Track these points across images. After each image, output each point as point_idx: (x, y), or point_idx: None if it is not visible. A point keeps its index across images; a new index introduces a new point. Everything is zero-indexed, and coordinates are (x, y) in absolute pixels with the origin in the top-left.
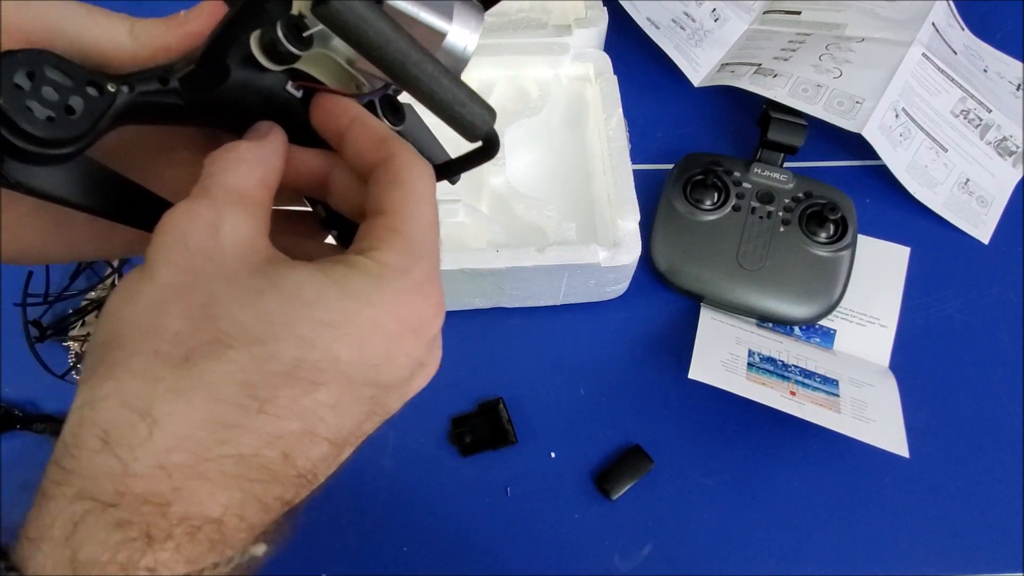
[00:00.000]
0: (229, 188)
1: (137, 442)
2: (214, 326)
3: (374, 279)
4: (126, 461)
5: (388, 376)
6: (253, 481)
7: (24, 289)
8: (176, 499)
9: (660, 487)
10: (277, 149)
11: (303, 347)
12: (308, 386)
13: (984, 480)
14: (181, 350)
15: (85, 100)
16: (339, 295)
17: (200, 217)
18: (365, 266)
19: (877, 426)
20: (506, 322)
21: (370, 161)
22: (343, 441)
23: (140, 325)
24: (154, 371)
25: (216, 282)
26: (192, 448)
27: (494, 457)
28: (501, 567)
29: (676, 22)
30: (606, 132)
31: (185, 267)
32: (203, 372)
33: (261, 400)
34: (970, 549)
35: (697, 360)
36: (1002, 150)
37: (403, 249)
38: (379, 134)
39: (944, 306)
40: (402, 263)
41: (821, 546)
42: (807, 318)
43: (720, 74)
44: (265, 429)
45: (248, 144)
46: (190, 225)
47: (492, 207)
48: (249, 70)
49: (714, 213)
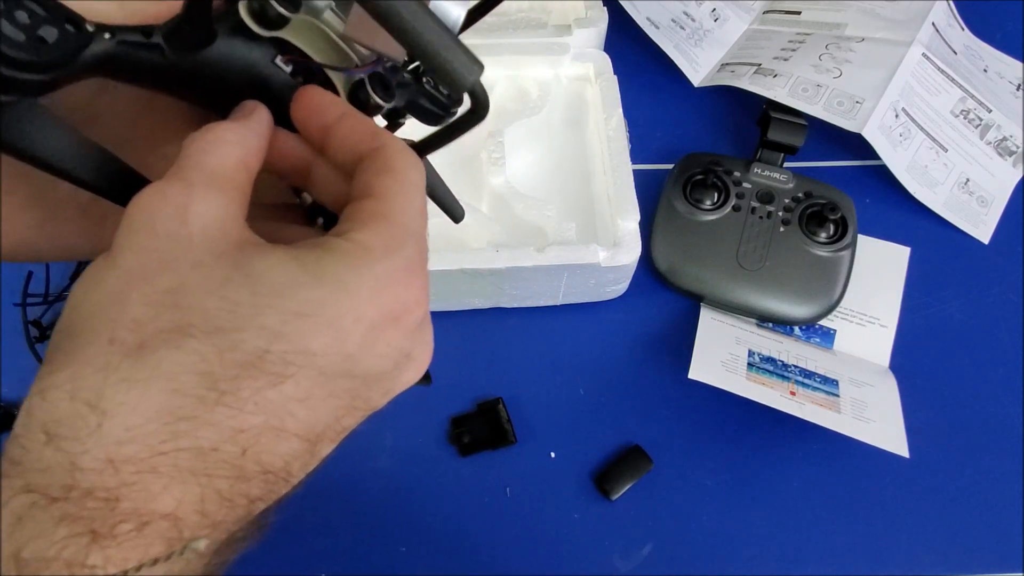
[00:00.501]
0: (204, 169)
1: (85, 434)
2: (175, 314)
3: (351, 263)
4: (74, 454)
5: (367, 368)
6: (213, 476)
7: (24, 289)
8: (126, 494)
9: (660, 487)
10: (260, 130)
11: (269, 337)
12: (274, 378)
13: (984, 480)
14: (138, 338)
15: (61, 32)
16: (312, 282)
17: (170, 199)
18: (342, 249)
19: (877, 426)
20: (506, 322)
21: (360, 152)
22: (317, 436)
23: (99, 312)
24: (108, 360)
25: (181, 268)
26: (144, 440)
27: (493, 457)
28: (501, 567)
29: (676, 22)
30: (606, 132)
31: (150, 251)
32: (160, 361)
33: (221, 391)
34: (970, 549)
35: (697, 360)
36: (1002, 150)
37: (386, 232)
38: (372, 128)
39: (944, 306)
40: (383, 246)
41: (821, 546)
42: (807, 318)
43: (720, 74)
44: (226, 422)
45: (229, 124)
46: (159, 207)
47: (492, 207)
48: (237, 39)
49: (714, 213)
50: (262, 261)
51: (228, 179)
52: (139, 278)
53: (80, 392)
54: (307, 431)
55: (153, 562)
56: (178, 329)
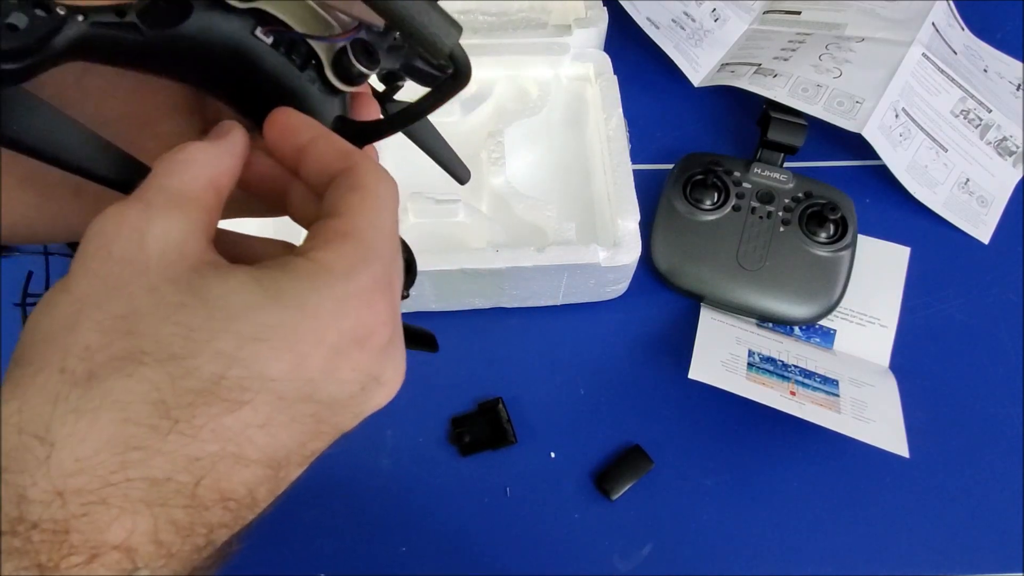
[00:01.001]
0: (167, 190)
1: (34, 466)
2: (128, 341)
3: (312, 283)
4: (22, 487)
5: (331, 392)
6: (168, 506)
7: (24, 289)
8: (75, 526)
9: (660, 487)
10: (234, 150)
11: (224, 363)
12: (231, 405)
13: (984, 480)
14: (88, 366)
15: (31, 18)
16: (269, 304)
17: (127, 222)
18: (303, 268)
19: (877, 426)
20: (506, 322)
21: (332, 172)
22: (281, 462)
23: (49, 339)
24: (57, 389)
25: (135, 292)
26: (94, 472)
27: (493, 457)
28: (501, 567)
29: (676, 22)
30: (606, 132)
31: (103, 276)
32: (110, 390)
33: (174, 420)
34: (970, 549)
35: (697, 360)
36: (1002, 150)
37: (349, 252)
38: (343, 147)
39: (944, 306)
40: (346, 266)
41: (821, 546)
42: (807, 318)
43: (720, 74)
44: (179, 451)
45: (201, 143)
46: (115, 231)
47: (492, 207)
48: (214, 12)
49: (714, 213)
50: (220, 284)
51: (192, 199)
52: (91, 304)
53: (29, 424)
54: (269, 457)
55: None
56: (130, 356)
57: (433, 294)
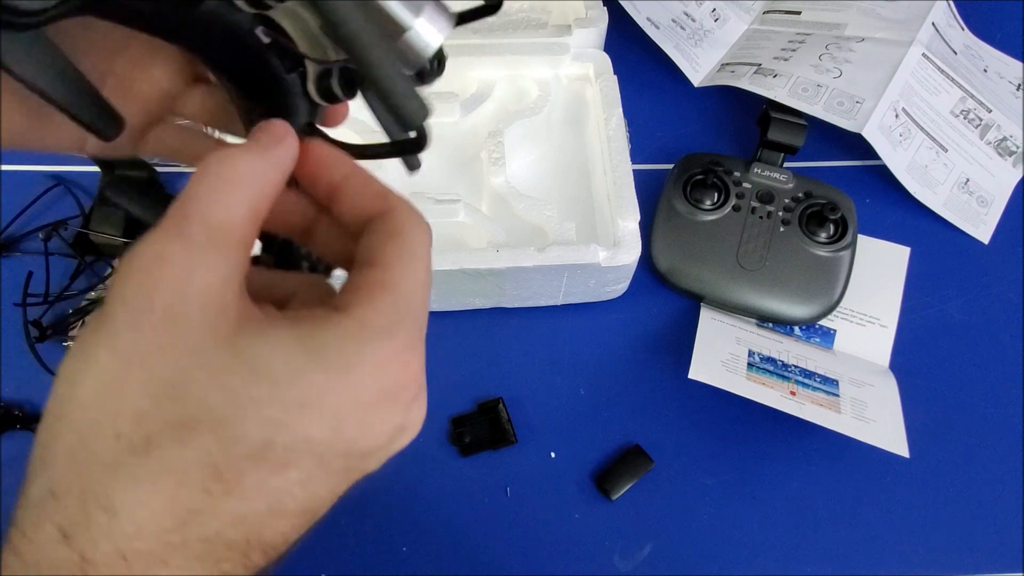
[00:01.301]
0: (211, 224)
1: (97, 532)
2: (177, 406)
3: (355, 343)
4: (84, 551)
5: (364, 446)
6: (219, 560)
7: (24, 289)
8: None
9: (660, 487)
10: (283, 166)
11: (272, 429)
12: (277, 467)
13: (984, 480)
14: (143, 432)
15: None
16: (314, 367)
17: (170, 264)
18: (344, 328)
19: (877, 426)
20: (506, 322)
21: (369, 214)
22: (315, 511)
23: (98, 402)
24: (115, 456)
25: (180, 355)
26: (155, 535)
27: (494, 457)
28: (501, 567)
29: (676, 22)
30: (606, 132)
31: (149, 332)
32: (166, 457)
33: (227, 483)
34: (970, 549)
35: (697, 360)
36: (1002, 150)
37: (390, 309)
38: (379, 188)
39: (944, 306)
40: (387, 324)
41: (821, 546)
42: (807, 318)
43: (720, 74)
44: (230, 511)
45: (247, 156)
46: (158, 276)
47: (492, 207)
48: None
49: (714, 213)
50: (264, 345)
51: (233, 235)
52: (137, 365)
53: (91, 490)
54: (305, 509)
55: None
56: (182, 424)
57: (433, 294)
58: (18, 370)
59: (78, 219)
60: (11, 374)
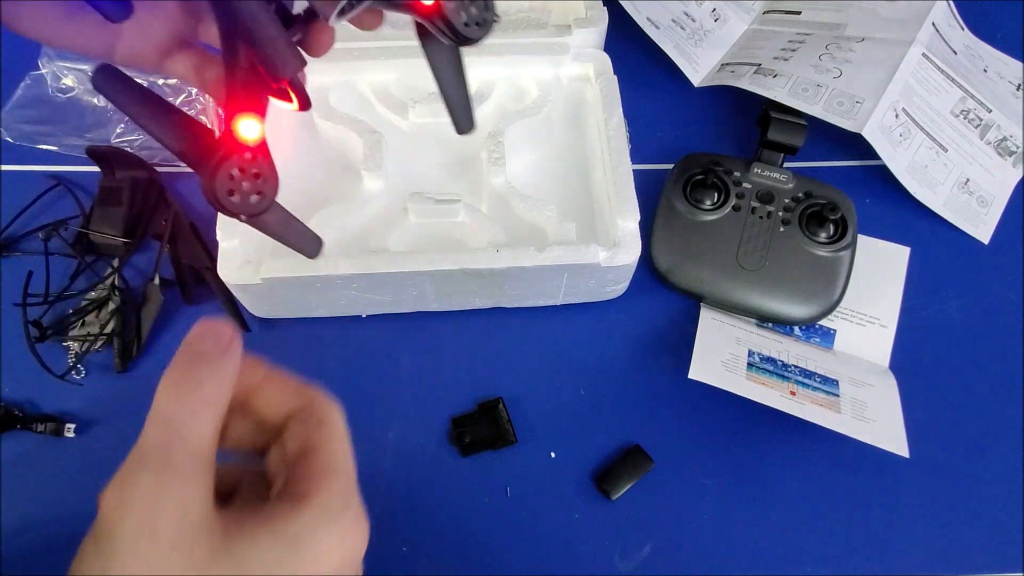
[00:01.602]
0: (193, 451)
1: None
2: None
3: (321, 528)
4: None
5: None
6: None
7: (24, 289)
8: None
9: (660, 487)
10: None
11: None
12: None
13: (984, 480)
14: None
15: None
16: (290, 556)
17: (168, 498)
18: (308, 516)
19: (877, 426)
20: (506, 322)
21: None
22: None
23: None
24: None
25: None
26: None
27: (494, 457)
28: (501, 567)
29: (676, 22)
30: (606, 132)
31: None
32: None
33: None
34: (970, 549)
35: (697, 360)
36: (1002, 150)
37: (340, 488)
38: (294, 385)
39: (944, 306)
40: (340, 503)
41: (821, 546)
42: (807, 318)
43: (720, 74)
44: None
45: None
46: (159, 510)
47: (492, 207)
48: None
49: (714, 213)
50: (252, 549)
51: (210, 455)
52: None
53: None
54: None
55: None
56: None
57: (433, 294)
58: (18, 370)
59: (78, 219)
60: (11, 374)
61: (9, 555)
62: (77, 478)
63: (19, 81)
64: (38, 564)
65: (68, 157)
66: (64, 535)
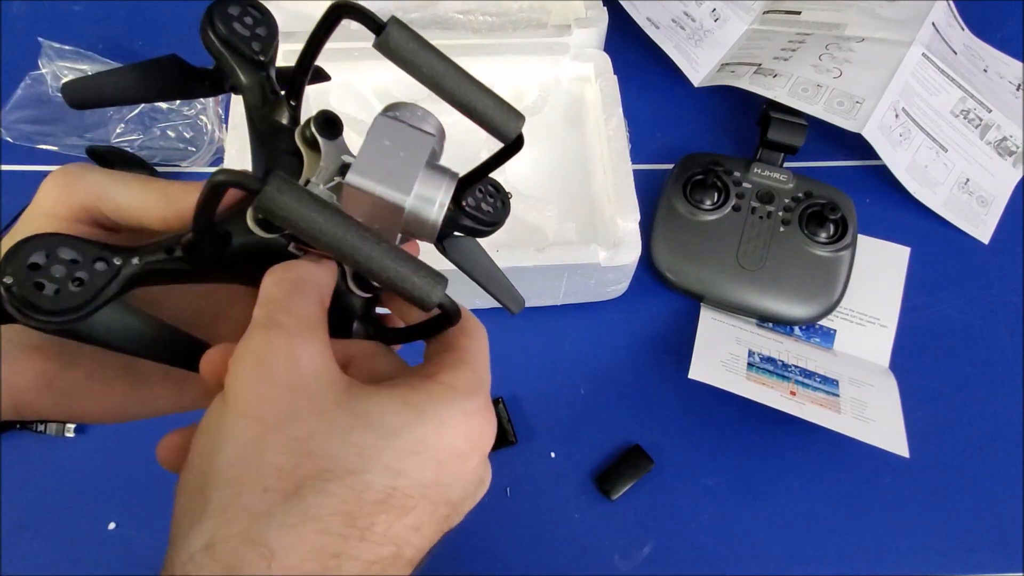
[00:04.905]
0: (295, 314)
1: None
2: (312, 461)
3: (446, 401)
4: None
5: (458, 493)
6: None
7: None
8: None
9: (660, 487)
10: (332, 271)
11: (394, 476)
12: (399, 512)
13: (984, 480)
14: (286, 485)
15: (91, 274)
16: (417, 421)
17: (277, 348)
18: (436, 390)
19: (877, 426)
20: (506, 322)
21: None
22: (415, 561)
23: (240, 461)
24: (268, 507)
25: (307, 416)
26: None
27: (494, 457)
28: (501, 567)
29: (676, 22)
30: (606, 132)
31: (275, 401)
32: (309, 506)
33: (361, 528)
34: (970, 549)
35: (697, 360)
36: (1002, 150)
37: (471, 376)
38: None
39: (944, 306)
40: (468, 387)
41: (821, 546)
42: (807, 318)
43: (720, 74)
44: (365, 556)
45: (306, 265)
46: (271, 358)
47: None
48: (251, 235)
49: (714, 213)
50: (374, 405)
51: (316, 322)
52: (271, 428)
53: (250, 538)
54: (416, 555)
55: None
56: (317, 475)
57: None
58: None
59: None
60: None
61: (9, 555)
62: (77, 478)
63: (19, 81)
64: (38, 564)
65: (68, 157)
66: (64, 535)
